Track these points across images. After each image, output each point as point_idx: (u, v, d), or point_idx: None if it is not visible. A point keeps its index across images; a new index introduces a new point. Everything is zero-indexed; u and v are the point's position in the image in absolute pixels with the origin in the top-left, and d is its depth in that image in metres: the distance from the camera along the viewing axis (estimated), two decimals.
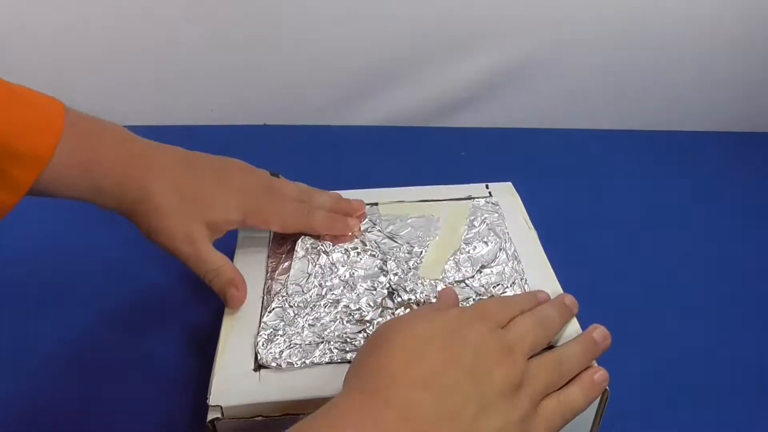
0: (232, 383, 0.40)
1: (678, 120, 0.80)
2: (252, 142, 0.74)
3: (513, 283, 0.46)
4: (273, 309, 0.44)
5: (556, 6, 0.72)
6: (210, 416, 0.38)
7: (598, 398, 0.39)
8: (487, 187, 0.56)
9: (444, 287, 0.44)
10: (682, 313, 0.54)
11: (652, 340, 0.52)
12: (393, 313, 0.43)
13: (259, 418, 0.38)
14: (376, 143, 0.78)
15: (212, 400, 0.38)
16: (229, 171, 0.47)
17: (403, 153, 0.73)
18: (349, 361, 0.39)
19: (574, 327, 0.42)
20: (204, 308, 0.54)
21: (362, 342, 0.41)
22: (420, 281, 0.45)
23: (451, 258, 0.47)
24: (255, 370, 0.40)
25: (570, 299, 0.42)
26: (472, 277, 0.46)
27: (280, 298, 0.44)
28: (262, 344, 0.41)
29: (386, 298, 0.44)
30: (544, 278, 0.46)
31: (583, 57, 0.76)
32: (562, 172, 0.73)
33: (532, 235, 0.51)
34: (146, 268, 0.58)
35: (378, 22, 0.74)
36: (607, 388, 0.39)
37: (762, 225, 0.65)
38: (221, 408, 0.38)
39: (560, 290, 0.46)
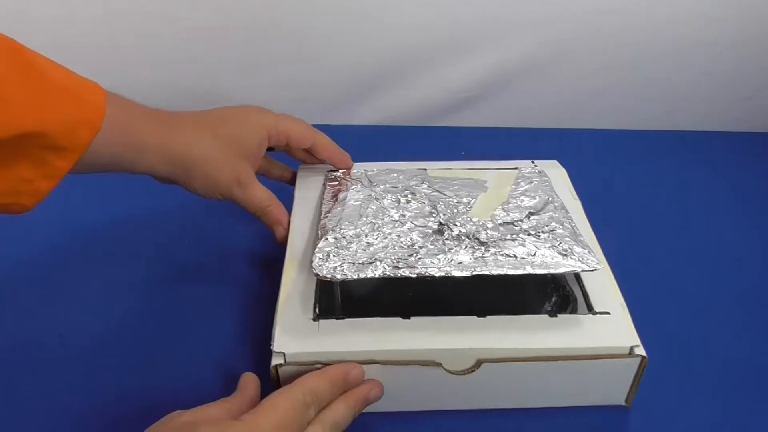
0: (293, 332, 0.42)
1: (678, 120, 0.80)
2: None
3: (563, 225, 0.46)
4: (327, 239, 0.45)
5: (556, 6, 0.72)
6: (274, 362, 0.41)
7: (636, 366, 0.42)
8: (533, 161, 0.58)
9: (247, 374, 0.42)
10: (682, 313, 0.54)
11: (652, 340, 0.52)
12: (444, 243, 0.44)
13: (318, 365, 0.41)
14: (376, 143, 0.77)
15: (276, 347, 0.41)
16: (240, 107, 0.53)
17: (403, 153, 0.73)
18: (401, 278, 0.42)
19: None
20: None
21: (413, 263, 0.42)
22: (470, 219, 0.47)
23: (500, 206, 0.49)
24: (314, 320, 0.43)
25: (355, 374, 0.41)
26: (521, 220, 0.47)
27: (334, 232, 0.46)
28: (317, 263, 0.43)
29: (435, 233, 0.46)
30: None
31: (583, 57, 0.76)
32: None
33: (577, 204, 0.54)
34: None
35: (378, 22, 0.74)
36: (644, 354, 0.42)
37: (762, 225, 0.65)
38: (284, 354, 0.41)
39: (604, 259, 0.48)
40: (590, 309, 0.45)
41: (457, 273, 0.42)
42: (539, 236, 0.45)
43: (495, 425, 0.45)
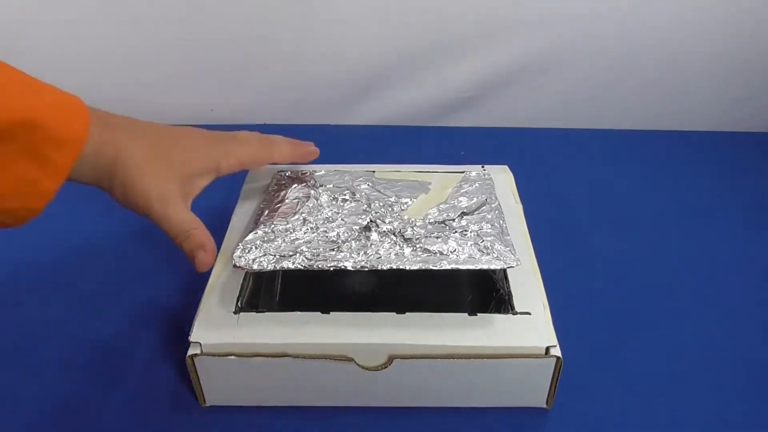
0: (212, 323, 0.43)
1: (678, 120, 0.80)
2: None
3: (493, 225, 0.46)
4: (256, 232, 0.46)
5: (557, 6, 0.72)
6: (190, 352, 0.42)
7: (552, 366, 0.42)
8: (483, 167, 0.58)
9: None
10: (682, 312, 0.54)
11: (652, 340, 0.52)
12: (368, 239, 0.45)
13: (232, 357, 0.42)
14: (376, 143, 0.78)
15: (193, 337, 0.42)
16: (192, 130, 0.49)
17: (403, 153, 0.73)
18: (318, 271, 0.42)
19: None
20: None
21: (331, 257, 0.43)
22: (400, 216, 0.47)
23: (435, 206, 0.48)
24: (235, 312, 0.44)
25: None
26: (453, 219, 0.47)
27: (264, 226, 0.46)
28: (237, 255, 0.43)
29: (363, 230, 0.45)
30: (520, 249, 0.47)
31: (583, 57, 0.76)
32: (561, 172, 0.73)
33: (518, 208, 0.53)
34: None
35: (378, 23, 0.74)
36: (560, 355, 0.41)
37: (762, 225, 0.65)
38: (200, 345, 0.42)
39: (534, 260, 0.48)
40: (512, 309, 0.44)
41: (369, 267, 0.42)
42: (465, 234, 0.45)
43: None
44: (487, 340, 0.42)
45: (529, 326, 0.43)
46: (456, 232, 0.45)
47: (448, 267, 0.42)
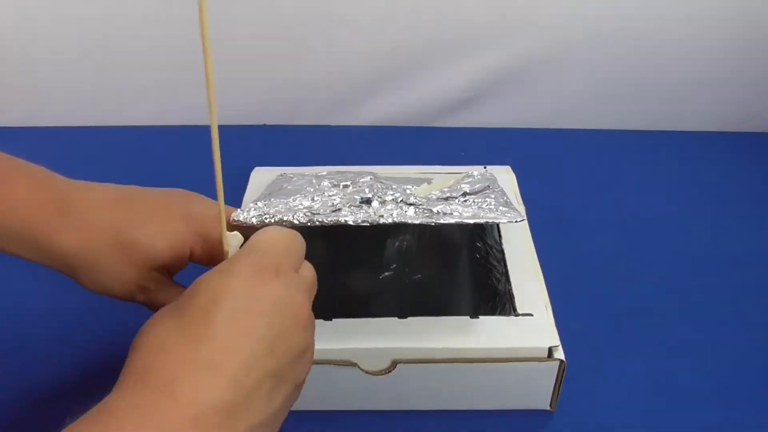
0: None
1: (678, 120, 0.80)
2: (252, 142, 0.74)
3: (497, 199, 0.45)
4: (257, 203, 0.44)
5: (556, 6, 0.72)
6: None
7: (556, 369, 0.42)
8: (485, 167, 0.57)
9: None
10: (682, 313, 0.54)
11: (652, 340, 0.52)
12: (370, 207, 0.43)
13: None
14: (376, 143, 0.77)
15: None
16: (171, 201, 0.42)
17: (403, 153, 0.73)
18: (309, 226, 0.41)
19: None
20: None
21: (334, 214, 0.41)
22: (404, 190, 0.45)
23: (439, 190, 0.47)
24: None
25: None
26: (456, 198, 0.45)
27: (265, 199, 0.45)
28: (236, 214, 0.42)
29: (363, 202, 0.44)
30: (523, 252, 0.48)
31: (583, 57, 0.76)
32: (561, 173, 0.73)
33: (520, 209, 0.53)
34: None
35: (378, 23, 0.74)
36: (563, 359, 0.41)
37: (762, 225, 0.65)
38: None
39: (537, 262, 0.48)
40: (514, 311, 0.44)
41: (371, 222, 0.41)
42: (466, 202, 0.44)
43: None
44: (489, 342, 0.42)
45: (532, 328, 0.43)
46: (458, 201, 0.44)
47: (452, 221, 0.41)
